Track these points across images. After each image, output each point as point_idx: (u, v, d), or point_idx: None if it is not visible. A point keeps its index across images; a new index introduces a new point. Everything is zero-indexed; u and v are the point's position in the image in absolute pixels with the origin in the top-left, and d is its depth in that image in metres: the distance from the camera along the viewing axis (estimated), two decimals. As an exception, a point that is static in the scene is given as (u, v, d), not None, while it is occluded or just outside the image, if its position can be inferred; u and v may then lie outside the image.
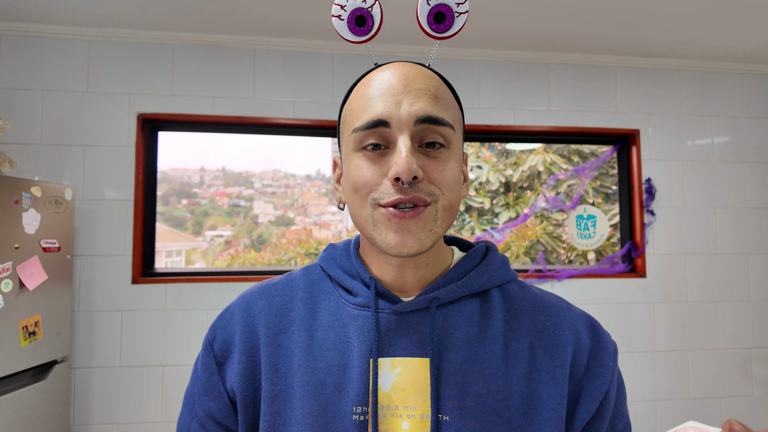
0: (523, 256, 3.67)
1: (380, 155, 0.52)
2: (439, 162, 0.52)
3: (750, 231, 2.57)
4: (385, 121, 0.51)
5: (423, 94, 0.52)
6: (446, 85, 0.57)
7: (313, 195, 3.81)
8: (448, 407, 0.52)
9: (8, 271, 1.61)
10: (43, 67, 2.15)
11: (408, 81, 0.53)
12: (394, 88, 0.52)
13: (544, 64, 2.51)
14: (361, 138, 0.53)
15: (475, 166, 4.20)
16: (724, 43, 2.37)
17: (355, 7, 0.57)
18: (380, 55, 2.36)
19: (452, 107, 0.56)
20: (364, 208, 0.53)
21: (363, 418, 0.52)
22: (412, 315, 0.56)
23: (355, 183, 0.53)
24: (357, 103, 0.55)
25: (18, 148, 2.10)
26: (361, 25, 0.57)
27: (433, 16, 0.57)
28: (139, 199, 2.18)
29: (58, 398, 1.86)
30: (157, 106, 2.22)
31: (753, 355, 2.51)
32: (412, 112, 0.51)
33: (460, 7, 0.56)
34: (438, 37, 0.57)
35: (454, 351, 0.54)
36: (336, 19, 0.58)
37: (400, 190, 0.50)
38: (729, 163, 2.58)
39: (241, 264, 3.60)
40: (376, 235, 0.53)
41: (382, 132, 0.52)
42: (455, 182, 0.54)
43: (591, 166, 2.68)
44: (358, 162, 0.53)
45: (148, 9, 2.02)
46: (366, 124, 0.52)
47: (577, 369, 0.55)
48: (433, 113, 0.52)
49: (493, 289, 0.59)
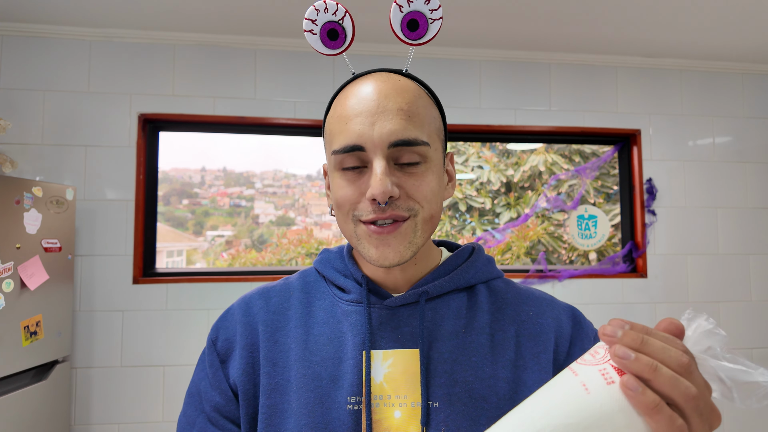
0: (524, 256, 3.67)
1: (358, 174, 0.55)
2: (416, 177, 0.54)
3: (751, 231, 2.56)
4: (360, 146, 0.53)
5: (396, 115, 0.53)
6: (424, 90, 0.58)
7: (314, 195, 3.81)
8: (437, 395, 0.54)
9: (9, 271, 1.61)
10: (44, 68, 2.15)
11: (381, 100, 0.54)
12: (369, 109, 0.54)
13: (545, 64, 2.51)
14: (340, 160, 0.55)
15: (476, 166, 4.20)
16: (726, 43, 2.36)
17: (326, 21, 0.58)
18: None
19: (428, 120, 0.56)
20: (348, 224, 0.57)
21: (357, 408, 0.54)
22: (403, 309, 0.59)
23: (338, 201, 0.57)
24: (335, 122, 0.56)
25: (19, 148, 2.10)
26: (334, 38, 0.58)
27: (407, 24, 0.57)
28: (140, 199, 2.18)
29: (59, 398, 1.86)
30: (158, 106, 2.22)
31: (754, 356, 2.51)
32: (385, 135, 0.52)
33: (433, 14, 0.57)
34: (412, 44, 0.58)
35: (443, 341, 0.57)
36: (308, 34, 0.58)
37: (377, 209, 0.53)
38: (730, 163, 2.58)
39: (242, 264, 3.60)
40: (360, 248, 0.56)
41: (358, 155, 0.54)
42: (434, 194, 0.56)
43: (592, 166, 2.68)
44: (338, 181, 0.56)
45: (148, 9, 2.02)
46: (343, 149, 0.54)
47: (560, 355, 0.58)
48: (405, 136, 0.53)
49: (479, 285, 0.62)
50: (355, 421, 0.54)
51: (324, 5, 0.57)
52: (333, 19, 0.58)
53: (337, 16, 0.57)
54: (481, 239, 2.69)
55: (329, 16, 0.58)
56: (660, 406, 0.33)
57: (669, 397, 0.34)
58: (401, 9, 0.56)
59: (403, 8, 0.56)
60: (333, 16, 0.58)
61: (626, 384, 0.34)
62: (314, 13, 0.57)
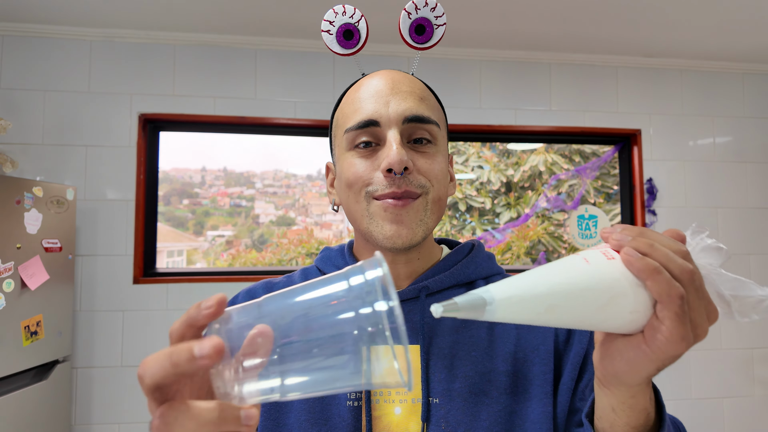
0: (524, 256, 3.66)
1: (372, 152, 0.56)
2: (427, 156, 0.56)
3: (752, 231, 2.56)
4: (375, 120, 0.55)
5: (409, 95, 0.56)
6: (430, 91, 0.61)
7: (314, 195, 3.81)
8: (437, 390, 0.54)
9: (10, 271, 1.61)
10: (44, 68, 2.15)
11: (395, 84, 0.57)
12: (382, 91, 0.56)
13: (545, 64, 2.51)
14: (353, 137, 0.56)
15: (476, 166, 4.20)
16: (726, 43, 2.36)
17: (342, 23, 0.61)
18: (374, 55, 2.37)
19: (436, 109, 0.60)
20: (359, 203, 0.56)
21: (357, 404, 0.55)
22: (403, 305, 0.59)
23: (349, 179, 0.57)
24: (348, 106, 0.59)
25: (20, 148, 2.10)
26: (349, 38, 0.62)
27: (415, 29, 0.61)
28: (141, 199, 2.18)
29: (60, 398, 1.86)
30: (159, 106, 2.22)
31: (755, 356, 2.51)
32: (400, 111, 0.55)
33: (438, 20, 0.61)
34: (419, 47, 0.62)
35: (443, 337, 0.57)
36: (325, 34, 0.62)
37: (392, 182, 0.54)
38: (731, 163, 2.58)
39: (243, 264, 3.60)
40: (373, 227, 0.56)
41: (372, 131, 0.56)
42: (443, 175, 0.58)
43: (592, 166, 2.68)
44: (351, 160, 0.57)
45: (149, 9, 2.02)
46: (358, 124, 0.56)
47: (559, 344, 0.58)
48: (420, 112, 0.56)
49: (479, 280, 0.63)
50: (355, 417, 0.54)
51: (342, 9, 0.61)
52: (350, 21, 0.61)
53: (354, 18, 0.61)
54: (481, 239, 2.69)
55: (346, 18, 0.61)
56: (660, 269, 0.33)
57: (666, 267, 0.34)
58: (410, 15, 0.60)
59: (411, 15, 0.60)
60: (350, 19, 0.61)
61: (627, 252, 0.34)
62: (333, 15, 0.61)
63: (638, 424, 0.40)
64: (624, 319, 0.34)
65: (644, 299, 0.34)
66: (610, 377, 0.38)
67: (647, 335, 0.34)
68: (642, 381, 0.37)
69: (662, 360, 0.34)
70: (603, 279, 0.34)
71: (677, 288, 0.33)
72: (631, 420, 0.40)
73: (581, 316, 0.34)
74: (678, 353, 0.34)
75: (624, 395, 0.39)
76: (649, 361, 0.34)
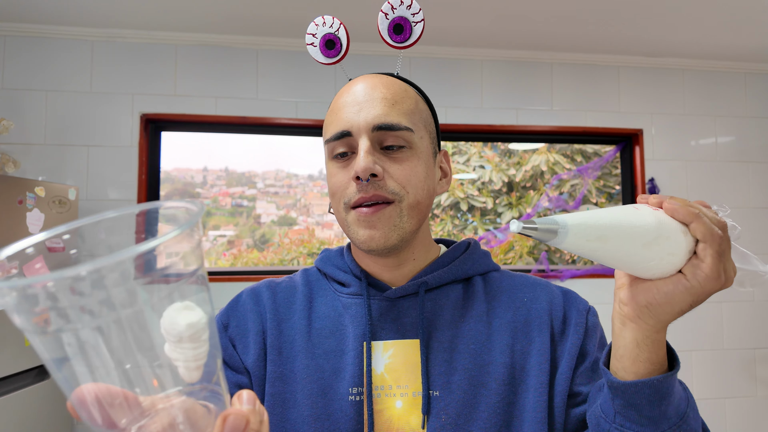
0: (526, 255, 3.66)
1: (347, 161, 0.58)
2: (400, 162, 0.57)
3: (754, 231, 2.55)
4: (347, 131, 0.57)
5: (380, 102, 0.57)
6: (414, 89, 0.62)
7: (316, 195, 3.81)
8: (438, 383, 0.56)
9: (16, 270, 1.61)
10: (46, 68, 2.15)
11: (367, 91, 0.58)
12: (356, 99, 0.58)
13: (547, 64, 2.50)
14: (331, 148, 0.59)
15: (478, 165, 4.20)
16: (728, 43, 2.36)
17: (324, 33, 0.64)
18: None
19: (413, 110, 0.60)
20: (340, 213, 0.59)
21: (359, 399, 0.56)
22: (402, 300, 0.60)
23: (331, 189, 0.60)
24: (328, 116, 0.61)
25: (22, 148, 2.10)
26: (331, 48, 0.64)
27: (393, 29, 0.62)
28: (142, 198, 2.18)
29: (61, 398, 1.86)
30: (160, 106, 2.22)
31: (757, 356, 2.50)
32: (369, 119, 0.56)
33: (415, 17, 0.62)
34: (399, 47, 0.63)
35: (442, 331, 0.59)
36: (310, 46, 0.65)
37: (361, 188, 0.55)
38: (733, 163, 2.57)
39: (244, 264, 3.60)
40: (351, 233, 0.58)
41: (347, 141, 0.57)
42: (419, 180, 0.58)
43: (594, 166, 2.67)
44: (331, 169, 0.59)
45: (150, 9, 2.03)
46: (333, 136, 0.58)
47: (555, 336, 0.60)
48: (387, 120, 0.56)
49: (476, 276, 0.64)
50: (356, 411, 0.55)
51: (322, 20, 0.64)
52: (330, 31, 0.64)
53: (333, 28, 0.63)
54: (483, 239, 2.69)
55: (326, 28, 0.64)
56: (702, 214, 0.39)
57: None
58: (387, 16, 0.62)
59: (388, 15, 0.62)
60: (330, 29, 0.63)
61: (671, 203, 0.40)
62: (314, 28, 0.64)
63: (657, 359, 0.45)
64: (663, 260, 0.39)
65: (683, 245, 0.39)
66: (642, 309, 0.43)
67: (688, 272, 0.40)
68: (675, 315, 0.42)
69: (699, 294, 0.40)
70: (650, 222, 0.39)
71: (717, 231, 0.39)
72: (652, 355, 0.45)
73: (627, 251, 0.39)
74: (714, 289, 0.39)
75: (650, 330, 0.44)
76: (688, 295, 0.40)
